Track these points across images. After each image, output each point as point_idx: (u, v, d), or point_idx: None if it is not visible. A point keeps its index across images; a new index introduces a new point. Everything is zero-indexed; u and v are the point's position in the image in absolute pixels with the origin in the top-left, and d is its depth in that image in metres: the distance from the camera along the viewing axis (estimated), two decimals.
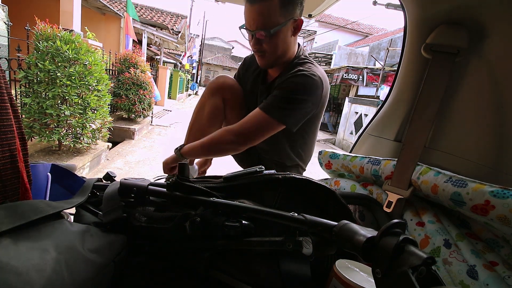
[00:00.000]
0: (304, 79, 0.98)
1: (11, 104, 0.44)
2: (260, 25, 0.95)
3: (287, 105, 0.98)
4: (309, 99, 1.00)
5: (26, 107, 2.71)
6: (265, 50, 1.01)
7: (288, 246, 0.44)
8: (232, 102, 1.22)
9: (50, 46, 2.69)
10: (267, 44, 0.99)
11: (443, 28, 0.78)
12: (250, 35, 1.01)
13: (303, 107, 1.00)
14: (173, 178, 0.53)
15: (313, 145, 1.27)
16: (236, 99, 1.22)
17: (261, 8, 0.93)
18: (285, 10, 0.94)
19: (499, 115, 0.71)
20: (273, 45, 1.00)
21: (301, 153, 1.22)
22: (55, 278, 0.33)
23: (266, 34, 0.96)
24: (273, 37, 0.97)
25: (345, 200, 0.58)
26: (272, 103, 0.99)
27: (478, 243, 0.61)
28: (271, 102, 1.00)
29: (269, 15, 0.93)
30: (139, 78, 5.33)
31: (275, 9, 0.93)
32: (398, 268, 0.30)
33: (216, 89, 1.20)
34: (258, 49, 1.02)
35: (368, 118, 7.02)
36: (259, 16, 0.94)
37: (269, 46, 1.00)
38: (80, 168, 2.94)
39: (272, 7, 0.92)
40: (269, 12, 0.93)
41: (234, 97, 1.22)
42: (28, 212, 0.38)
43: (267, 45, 0.99)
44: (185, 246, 0.51)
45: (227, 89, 1.21)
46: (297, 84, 0.99)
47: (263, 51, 1.01)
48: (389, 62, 9.74)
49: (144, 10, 9.60)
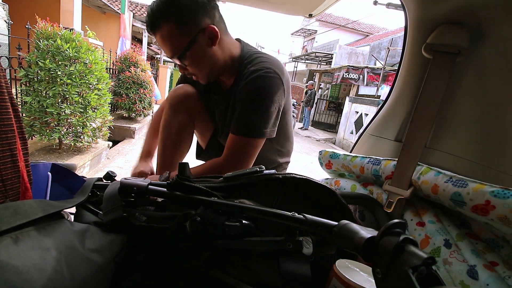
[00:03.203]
0: (262, 81, 0.90)
1: (12, 103, 0.44)
2: (170, 52, 0.89)
3: (257, 118, 0.91)
4: (275, 99, 0.91)
5: (26, 106, 2.71)
6: (192, 72, 0.94)
7: (288, 246, 0.44)
8: (198, 113, 1.10)
9: (51, 44, 2.69)
10: (190, 67, 0.92)
11: (443, 28, 0.78)
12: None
13: (273, 110, 0.92)
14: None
15: (291, 135, 1.18)
16: (201, 108, 1.11)
17: (160, 37, 0.86)
18: (184, 27, 0.84)
19: (499, 115, 0.71)
20: (196, 66, 0.92)
21: (281, 149, 1.17)
22: (55, 278, 0.33)
23: (180, 59, 0.90)
24: (189, 59, 0.89)
25: (346, 200, 0.58)
26: (244, 123, 0.92)
27: (479, 243, 0.61)
28: (242, 123, 0.92)
29: (171, 41, 0.86)
30: (140, 77, 5.33)
31: (173, 33, 0.85)
32: (399, 268, 0.30)
33: (179, 104, 1.06)
34: (187, 73, 0.96)
35: (369, 118, 7.02)
36: (164, 45, 0.88)
37: (192, 68, 0.93)
38: (81, 167, 2.94)
39: (169, 31, 0.85)
40: (169, 38, 0.86)
41: (199, 107, 1.10)
42: (28, 212, 0.38)
43: (190, 68, 0.93)
44: (185, 245, 0.51)
45: (190, 101, 1.08)
46: (258, 91, 0.90)
47: (191, 73, 0.95)
48: (390, 62, 9.73)
49: (144, 9, 9.59)
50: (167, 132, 1.06)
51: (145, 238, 0.52)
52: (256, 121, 0.91)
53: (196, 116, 1.10)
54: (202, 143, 1.25)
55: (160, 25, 0.84)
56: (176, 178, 0.53)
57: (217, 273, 0.50)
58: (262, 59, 0.96)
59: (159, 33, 0.86)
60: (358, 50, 13.21)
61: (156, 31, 0.86)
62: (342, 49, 12.67)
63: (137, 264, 0.51)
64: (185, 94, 1.07)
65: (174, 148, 1.07)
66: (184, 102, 1.06)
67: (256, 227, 0.49)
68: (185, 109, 1.06)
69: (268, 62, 0.94)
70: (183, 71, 0.96)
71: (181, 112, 1.06)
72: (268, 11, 1.33)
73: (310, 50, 17.33)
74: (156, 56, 13.38)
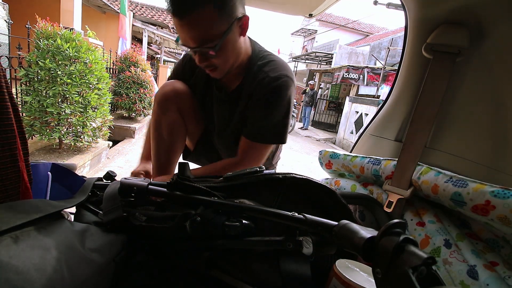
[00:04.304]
0: (281, 90, 0.89)
1: (12, 103, 0.44)
2: (200, 40, 0.77)
3: (277, 126, 0.92)
4: (291, 107, 0.93)
5: (26, 106, 2.71)
6: (214, 64, 0.84)
7: (288, 245, 0.44)
8: (189, 111, 1.04)
9: (51, 44, 2.70)
10: (217, 57, 0.82)
11: (444, 28, 0.78)
12: (192, 51, 0.83)
13: (288, 115, 0.93)
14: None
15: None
16: (191, 105, 1.05)
17: (194, 21, 0.74)
18: (224, 13, 0.76)
19: (499, 115, 0.71)
20: (224, 57, 0.83)
21: (275, 152, 1.18)
22: (55, 277, 0.33)
23: (211, 49, 0.79)
24: (220, 48, 0.79)
25: (346, 200, 0.58)
26: (263, 130, 0.92)
27: (479, 243, 0.61)
28: (261, 130, 0.92)
29: (207, 26, 0.75)
30: (140, 76, 5.34)
31: (212, 17, 0.74)
32: (399, 268, 0.30)
33: (167, 101, 0.99)
34: (206, 65, 0.85)
35: (369, 118, 7.02)
36: (195, 30, 0.76)
37: (218, 59, 0.83)
38: (81, 167, 2.94)
39: (207, 15, 0.74)
40: (205, 22, 0.75)
41: (189, 104, 1.03)
42: (29, 211, 0.38)
43: (216, 60, 0.83)
44: (185, 245, 0.51)
45: (180, 98, 1.01)
46: (278, 99, 0.90)
47: (212, 66, 0.85)
48: (390, 62, 9.72)
49: (144, 9, 9.60)
50: (158, 133, 1.01)
51: (145, 238, 0.52)
52: (276, 128, 0.93)
53: (186, 114, 1.04)
54: (190, 142, 1.18)
55: (202, 5, 0.72)
56: (176, 178, 0.53)
57: (217, 273, 0.50)
58: (275, 63, 0.93)
59: (195, 14, 0.73)
60: (358, 50, 13.20)
61: (193, 10, 0.73)
62: (342, 49, 12.66)
63: (137, 264, 0.51)
64: (173, 90, 1.00)
65: (167, 150, 1.03)
66: (173, 100, 0.99)
67: (256, 227, 0.49)
68: (174, 106, 1.00)
69: (282, 66, 0.93)
70: (203, 62, 0.84)
71: (170, 110, 0.99)
72: (268, 11, 1.33)
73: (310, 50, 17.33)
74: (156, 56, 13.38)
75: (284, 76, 0.90)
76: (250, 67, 0.94)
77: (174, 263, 0.52)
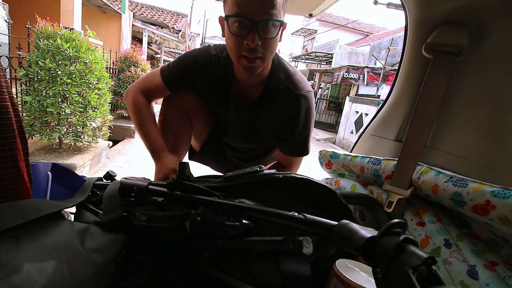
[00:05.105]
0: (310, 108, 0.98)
1: (12, 103, 0.43)
2: (268, 13, 0.72)
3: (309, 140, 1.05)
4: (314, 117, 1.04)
5: (26, 105, 2.71)
6: (262, 52, 0.78)
7: (288, 245, 0.44)
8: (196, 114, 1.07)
9: (51, 44, 2.69)
10: (266, 44, 0.77)
11: (444, 27, 0.78)
12: (245, 30, 0.74)
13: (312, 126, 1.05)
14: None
15: None
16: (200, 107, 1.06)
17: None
18: (285, 5, 0.78)
19: (499, 115, 0.71)
20: (271, 49, 0.80)
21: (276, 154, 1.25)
22: (55, 277, 0.33)
23: (275, 28, 0.75)
24: (274, 38, 0.77)
25: (346, 200, 0.58)
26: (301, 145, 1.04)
27: (479, 243, 0.61)
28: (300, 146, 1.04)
29: (278, 3, 0.72)
30: (140, 76, 5.33)
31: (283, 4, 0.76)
32: (399, 268, 0.30)
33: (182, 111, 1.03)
34: (253, 51, 0.76)
35: (369, 118, 7.02)
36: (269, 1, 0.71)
37: (267, 49, 0.78)
38: (81, 167, 2.94)
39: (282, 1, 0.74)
40: (280, 4, 0.74)
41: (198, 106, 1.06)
42: (29, 211, 0.38)
43: (265, 48, 0.77)
44: (185, 245, 0.51)
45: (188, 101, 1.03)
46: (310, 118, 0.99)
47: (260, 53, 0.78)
48: (390, 62, 9.73)
49: (144, 9, 9.59)
50: (165, 133, 1.03)
51: (145, 238, 0.52)
52: (309, 143, 1.06)
53: (194, 116, 1.07)
54: (196, 143, 1.21)
55: None
56: (176, 178, 0.53)
57: (217, 273, 0.51)
58: (297, 76, 0.97)
59: None
60: (358, 50, 13.20)
61: None
62: (342, 49, 12.66)
63: (137, 264, 0.51)
64: (186, 101, 1.03)
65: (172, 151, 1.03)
66: (187, 110, 1.04)
67: (256, 227, 0.49)
68: (185, 116, 1.05)
69: (304, 81, 0.98)
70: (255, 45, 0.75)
71: (182, 118, 1.04)
72: None
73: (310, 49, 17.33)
74: (156, 56, 13.38)
75: (310, 92, 0.98)
76: (270, 77, 0.95)
77: (174, 263, 0.52)
